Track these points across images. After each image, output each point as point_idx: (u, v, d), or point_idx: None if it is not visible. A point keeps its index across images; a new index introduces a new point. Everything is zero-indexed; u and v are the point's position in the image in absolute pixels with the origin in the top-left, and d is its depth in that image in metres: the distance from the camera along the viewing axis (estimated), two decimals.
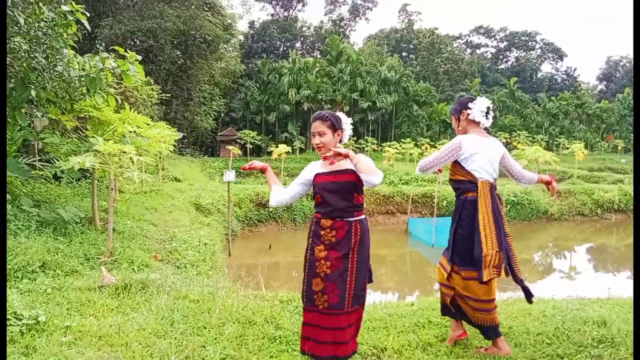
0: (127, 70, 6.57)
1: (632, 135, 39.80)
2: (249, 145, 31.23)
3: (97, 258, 5.82)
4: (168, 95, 19.84)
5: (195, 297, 4.27)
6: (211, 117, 36.52)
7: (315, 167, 3.21)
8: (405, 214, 16.06)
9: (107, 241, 6.10)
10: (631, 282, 10.38)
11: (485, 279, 3.09)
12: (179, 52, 29.56)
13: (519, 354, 3.16)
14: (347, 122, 3.22)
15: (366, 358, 3.24)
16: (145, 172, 11.49)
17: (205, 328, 3.51)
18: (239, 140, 34.17)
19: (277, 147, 34.55)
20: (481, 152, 3.29)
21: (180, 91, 30.44)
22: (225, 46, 37.64)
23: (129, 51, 6.57)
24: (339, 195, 2.99)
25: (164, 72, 28.55)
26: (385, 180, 18.58)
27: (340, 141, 3.16)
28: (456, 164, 3.37)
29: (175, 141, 15.04)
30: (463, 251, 3.25)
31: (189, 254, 7.19)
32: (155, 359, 2.99)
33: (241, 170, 3.91)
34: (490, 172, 3.30)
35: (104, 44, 32.47)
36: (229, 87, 41.23)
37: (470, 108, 3.46)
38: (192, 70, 31.41)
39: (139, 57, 6.70)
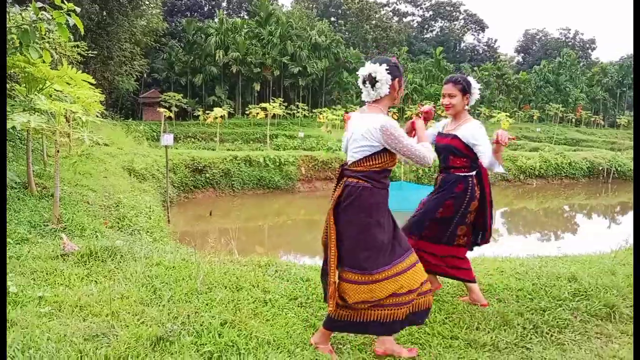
0: (63, 23, 6.03)
1: (546, 105, 42.44)
2: (174, 109, 30.00)
3: (44, 225, 5.43)
4: (94, 53, 18.51)
5: (169, 263, 4.11)
6: (133, 77, 34.65)
7: None
8: None
9: (53, 207, 5.70)
10: (566, 242, 11.16)
11: None
12: (97, 7, 27.53)
13: (505, 308, 3.34)
14: (476, 87, 3.45)
15: None
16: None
17: (192, 294, 3.40)
18: (163, 103, 32.76)
19: (204, 111, 33.64)
20: None
21: (99, 49, 28.49)
22: (147, 2, 35.55)
23: (65, 2, 6.03)
24: None
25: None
26: (324, 147, 18.69)
27: (467, 104, 3.47)
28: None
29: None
30: None
31: (140, 220, 6.89)
32: (149, 327, 2.86)
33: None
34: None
35: None
36: (150, 47, 39.14)
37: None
38: (112, 27, 29.45)
39: (77, 9, 6.16)
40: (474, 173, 3.43)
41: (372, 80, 2.71)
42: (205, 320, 2.99)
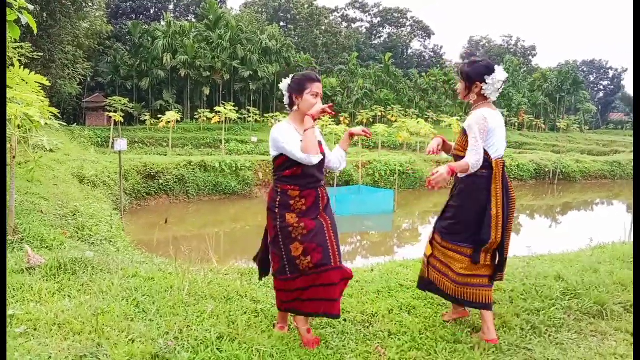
0: (14, 20, 5.65)
1: None
2: (119, 113, 28.90)
3: None
4: (39, 55, 17.59)
5: (146, 274, 3.87)
6: (76, 81, 33.21)
7: (295, 135, 2.88)
8: None
9: (8, 218, 5.29)
10: (528, 241, 11.46)
11: (479, 262, 2.98)
12: (38, 8, 26.25)
13: (501, 309, 3.33)
14: None
15: (357, 324, 3.19)
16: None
17: (180, 307, 3.20)
18: (108, 108, 31.53)
19: (151, 115, 32.64)
20: (498, 128, 3.03)
21: (40, 52, 27.15)
22: (91, 4, 34.25)
23: None
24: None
25: (22, 29, 25.15)
26: None
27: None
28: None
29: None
30: (462, 227, 3.05)
31: (102, 229, 6.52)
32: (141, 344, 2.65)
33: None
34: (503, 149, 3.07)
35: None
36: (94, 50, 37.66)
37: (486, 82, 3.03)
38: (54, 29, 28.19)
39: (30, 6, 5.79)
40: None
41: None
42: (199, 334, 2.81)
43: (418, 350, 2.85)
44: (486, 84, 3.03)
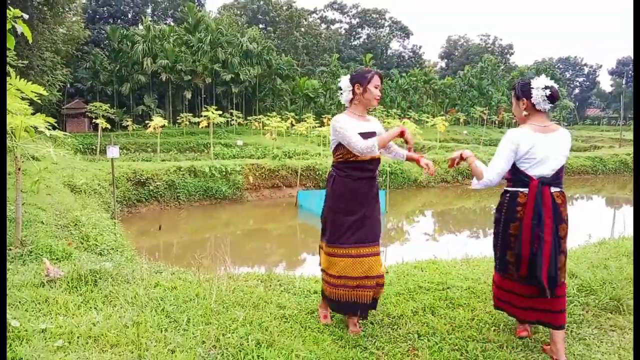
0: (10, 30, 5.61)
1: (471, 108, 44.57)
2: (101, 119, 28.60)
3: (7, 250, 4.99)
4: (24, 63, 17.30)
5: (167, 284, 3.90)
6: (55, 88, 32.74)
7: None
8: (290, 187, 16.21)
9: (15, 230, 5.26)
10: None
11: None
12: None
13: None
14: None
15: (384, 327, 3.26)
16: None
17: (210, 315, 3.24)
18: (88, 114, 31.17)
19: (133, 121, 32.34)
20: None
21: (18, 59, 26.69)
22: (67, 9, 33.80)
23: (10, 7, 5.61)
24: None
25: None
26: (269, 154, 18.53)
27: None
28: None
29: None
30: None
31: (107, 239, 6.49)
32: (182, 354, 2.69)
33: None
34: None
35: None
36: (72, 55, 37.18)
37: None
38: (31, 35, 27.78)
39: (26, 15, 5.75)
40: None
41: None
42: (235, 341, 2.86)
43: (449, 350, 2.94)
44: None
